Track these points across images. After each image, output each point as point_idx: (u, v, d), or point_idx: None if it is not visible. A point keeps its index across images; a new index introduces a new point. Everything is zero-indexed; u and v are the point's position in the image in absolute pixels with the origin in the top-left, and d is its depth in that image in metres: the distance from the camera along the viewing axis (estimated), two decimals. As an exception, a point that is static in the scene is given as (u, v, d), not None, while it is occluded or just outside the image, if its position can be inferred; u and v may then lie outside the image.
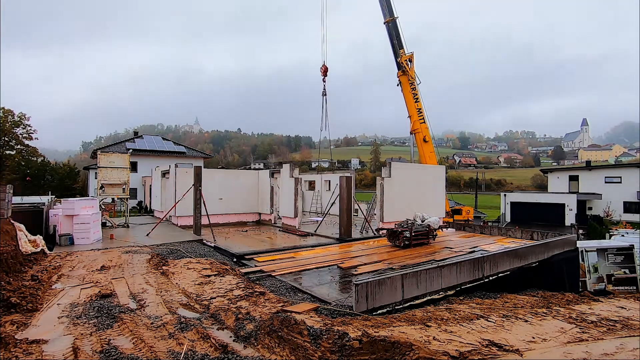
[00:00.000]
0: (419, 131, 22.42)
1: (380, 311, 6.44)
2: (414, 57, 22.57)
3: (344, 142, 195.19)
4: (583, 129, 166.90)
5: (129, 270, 8.58)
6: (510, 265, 9.91)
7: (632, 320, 5.96)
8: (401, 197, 16.02)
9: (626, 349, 4.44)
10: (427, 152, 22.45)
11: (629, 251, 11.30)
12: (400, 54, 22.38)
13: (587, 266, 11.29)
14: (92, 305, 6.03)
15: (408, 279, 7.10)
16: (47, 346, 4.51)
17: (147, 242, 12.48)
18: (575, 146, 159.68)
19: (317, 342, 4.35)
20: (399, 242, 12.16)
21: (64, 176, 41.07)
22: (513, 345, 4.53)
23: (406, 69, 22.30)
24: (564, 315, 6.10)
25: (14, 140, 37.92)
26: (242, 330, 4.98)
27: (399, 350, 3.87)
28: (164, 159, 36.10)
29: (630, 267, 11.16)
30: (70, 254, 10.15)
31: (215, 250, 11.76)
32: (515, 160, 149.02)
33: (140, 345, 4.53)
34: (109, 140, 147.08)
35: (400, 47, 22.50)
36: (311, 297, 6.91)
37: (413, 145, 23.97)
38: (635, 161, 77.76)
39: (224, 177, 19.51)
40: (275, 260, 10.14)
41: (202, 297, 6.61)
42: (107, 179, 16.00)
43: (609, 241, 13.23)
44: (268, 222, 19.34)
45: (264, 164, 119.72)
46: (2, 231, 9.08)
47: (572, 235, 13.95)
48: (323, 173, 25.35)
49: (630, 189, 32.80)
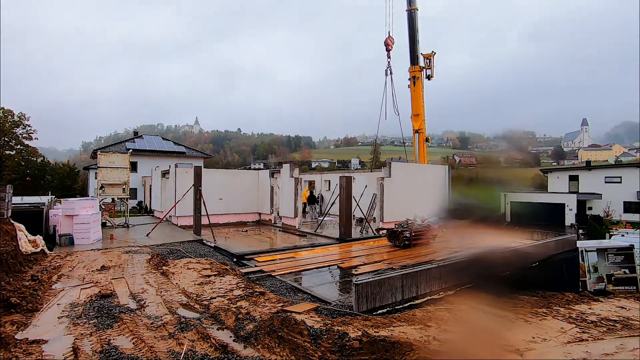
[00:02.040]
0: (423, 131, 22.23)
1: (380, 311, 6.44)
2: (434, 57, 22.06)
3: (344, 142, 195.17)
4: (583, 129, 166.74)
5: (129, 270, 8.58)
6: (510, 265, 9.89)
7: (632, 320, 5.96)
8: (401, 197, 16.02)
9: (626, 349, 4.44)
10: (425, 152, 22.27)
11: (629, 251, 11.30)
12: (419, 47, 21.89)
13: (587, 266, 11.29)
14: (92, 305, 6.03)
15: (408, 279, 7.10)
16: (47, 346, 4.51)
17: (147, 242, 12.48)
18: (575, 146, 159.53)
19: (317, 342, 4.35)
20: (399, 242, 12.16)
21: (64, 176, 41.10)
22: (513, 345, 4.53)
23: (427, 67, 21.82)
24: (564, 315, 6.11)
25: (13, 140, 37.94)
26: (242, 330, 4.98)
27: (399, 350, 3.87)
28: (164, 159, 36.10)
29: (630, 267, 11.17)
30: (70, 254, 10.15)
31: (215, 250, 11.76)
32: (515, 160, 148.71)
33: (140, 345, 4.53)
34: (109, 140, 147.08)
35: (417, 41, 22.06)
36: (311, 297, 6.91)
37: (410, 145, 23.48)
38: (635, 161, 77.69)
39: (224, 177, 19.50)
40: (275, 260, 10.14)
41: (202, 297, 6.61)
42: (107, 179, 15.99)
43: (609, 241, 13.24)
44: (268, 222, 19.34)
45: (264, 164, 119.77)
46: (2, 231, 9.08)
47: (572, 235, 13.97)
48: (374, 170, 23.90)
49: (630, 189, 32.80)
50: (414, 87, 22.23)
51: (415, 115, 22.34)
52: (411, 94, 22.44)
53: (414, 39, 21.97)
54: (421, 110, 22.09)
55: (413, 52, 22.10)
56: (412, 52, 22.17)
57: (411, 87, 22.35)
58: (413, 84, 22.21)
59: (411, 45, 22.16)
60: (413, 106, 22.40)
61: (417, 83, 22.01)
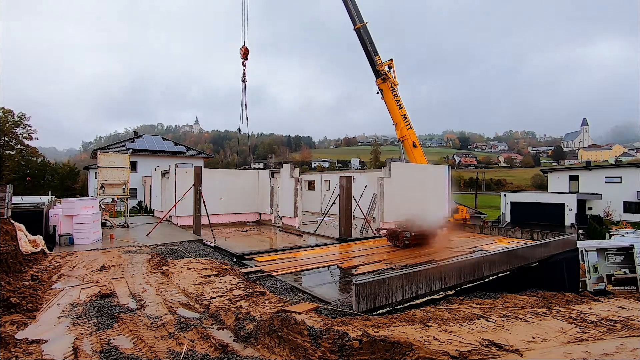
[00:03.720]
0: (407, 137, 21.38)
1: (380, 311, 6.44)
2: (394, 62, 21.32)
3: (344, 142, 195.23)
4: (583, 129, 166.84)
5: (129, 270, 8.58)
6: (510, 265, 9.91)
7: (632, 320, 5.96)
8: (401, 197, 16.02)
9: (626, 349, 4.43)
10: (418, 156, 21.54)
11: (629, 251, 11.29)
12: (377, 60, 21.14)
13: (587, 266, 11.28)
14: (92, 305, 6.03)
15: (408, 279, 7.10)
16: (47, 346, 4.51)
17: (147, 242, 12.48)
18: (575, 146, 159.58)
19: (317, 342, 4.35)
20: (399, 242, 12.16)
21: (64, 176, 41.11)
22: (513, 345, 4.53)
23: (387, 76, 21.09)
24: (564, 315, 6.10)
25: (14, 140, 37.95)
26: (242, 330, 4.98)
27: (399, 350, 3.87)
28: (164, 159, 36.13)
29: (630, 267, 11.15)
30: (70, 254, 10.15)
31: (215, 250, 11.76)
32: (515, 160, 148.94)
33: (140, 345, 4.53)
34: (109, 140, 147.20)
35: (375, 54, 21.23)
36: (311, 297, 6.91)
37: (403, 153, 22.76)
38: (635, 161, 77.72)
39: (224, 177, 19.50)
40: (275, 260, 10.14)
41: (202, 297, 6.61)
42: (107, 179, 16.00)
43: (609, 241, 13.22)
44: (268, 222, 19.34)
45: (264, 164, 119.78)
46: (2, 231, 9.08)
47: (572, 235, 13.96)
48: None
49: (630, 189, 32.83)
50: (383, 98, 21.66)
51: (395, 124, 21.80)
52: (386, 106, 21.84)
53: (369, 54, 21.27)
54: (398, 118, 21.29)
55: (372, 66, 21.48)
56: (371, 66, 21.55)
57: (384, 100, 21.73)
58: (382, 97, 21.70)
59: (369, 60, 21.48)
60: (391, 116, 21.80)
61: (384, 94, 21.44)
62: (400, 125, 21.54)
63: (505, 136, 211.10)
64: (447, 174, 19.15)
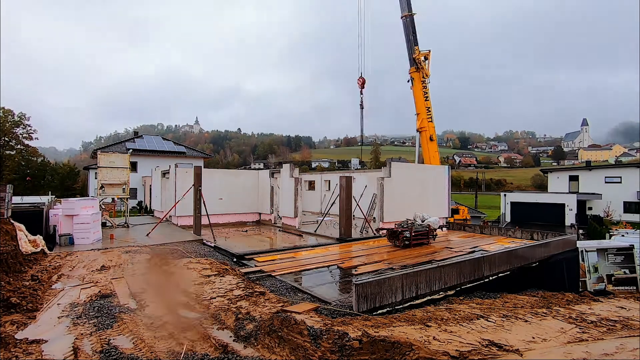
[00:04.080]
0: (426, 129, 22.38)
1: (380, 311, 6.44)
2: (430, 55, 22.48)
3: (344, 142, 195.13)
4: (583, 129, 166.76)
5: (129, 270, 8.59)
6: (510, 265, 9.91)
7: (632, 320, 5.96)
8: (401, 197, 16.01)
9: (626, 349, 4.43)
10: (432, 151, 22.43)
11: (629, 251, 11.28)
12: (415, 50, 22.30)
13: (587, 266, 11.28)
14: (92, 305, 6.03)
15: (408, 279, 7.10)
16: (47, 346, 4.52)
17: (147, 242, 12.48)
18: (575, 146, 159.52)
19: (317, 342, 4.35)
20: (399, 242, 12.16)
21: (64, 176, 41.08)
22: (513, 345, 4.53)
23: (421, 66, 22.21)
24: (564, 315, 6.11)
25: (14, 140, 37.93)
26: (242, 330, 4.97)
27: (399, 350, 3.87)
28: (164, 159, 36.10)
29: (630, 267, 11.15)
30: (70, 254, 10.15)
31: (215, 250, 11.76)
32: (515, 160, 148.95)
33: (140, 345, 4.53)
34: (109, 140, 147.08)
35: (415, 44, 22.46)
36: (311, 297, 6.91)
37: (418, 145, 23.77)
38: (635, 161, 77.75)
39: (224, 177, 19.51)
40: (275, 260, 10.14)
41: (202, 297, 6.61)
42: (107, 179, 16.00)
43: (609, 241, 13.21)
44: (268, 222, 19.34)
45: (264, 164, 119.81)
46: (2, 231, 9.08)
47: (572, 235, 13.96)
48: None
49: (630, 189, 32.81)
50: (412, 87, 22.78)
51: (417, 114, 22.74)
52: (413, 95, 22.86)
53: (409, 42, 22.57)
54: (422, 109, 22.36)
55: (409, 54, 22.78)
56: (409, 55, 22.85)
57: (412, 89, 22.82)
58: (411, 85, 22.82)
59: (408, 49, 22.80)
60: (416, 106, 22.78)
61: (414, 83, 22.57)
62: (422, 116, 22.53)
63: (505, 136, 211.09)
64: (447, 174, 19.18)
